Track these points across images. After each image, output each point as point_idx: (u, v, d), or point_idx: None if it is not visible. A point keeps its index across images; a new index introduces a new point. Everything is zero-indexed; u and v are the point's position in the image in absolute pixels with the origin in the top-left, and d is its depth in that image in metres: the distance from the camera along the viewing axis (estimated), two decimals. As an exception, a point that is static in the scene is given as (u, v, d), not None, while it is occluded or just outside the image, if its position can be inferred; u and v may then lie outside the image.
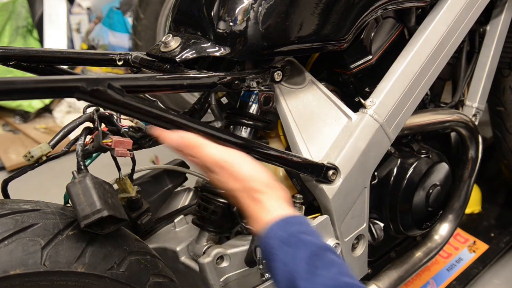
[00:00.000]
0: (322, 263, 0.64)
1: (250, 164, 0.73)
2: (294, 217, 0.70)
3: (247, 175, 0.72)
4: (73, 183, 0.69)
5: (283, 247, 0.66)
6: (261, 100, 0.87)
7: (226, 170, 0.72)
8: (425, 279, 1.55)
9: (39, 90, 0.60)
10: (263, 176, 0.73)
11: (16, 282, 0.63)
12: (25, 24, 2.95)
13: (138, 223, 0.97)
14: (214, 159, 0.72)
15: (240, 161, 0.73)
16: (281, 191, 0.73)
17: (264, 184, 0.72)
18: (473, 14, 1.12)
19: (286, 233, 0.67)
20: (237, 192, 0.72)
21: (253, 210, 0.71)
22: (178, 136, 0.72)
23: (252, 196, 0.71)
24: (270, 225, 0.68)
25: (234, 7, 0.82)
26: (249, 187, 0.71)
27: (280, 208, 0.71)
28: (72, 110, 2.74)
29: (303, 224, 0.69)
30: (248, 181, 0.71)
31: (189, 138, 0.72)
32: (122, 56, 0.90)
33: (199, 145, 0.72)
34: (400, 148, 1.18)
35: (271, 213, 0.69)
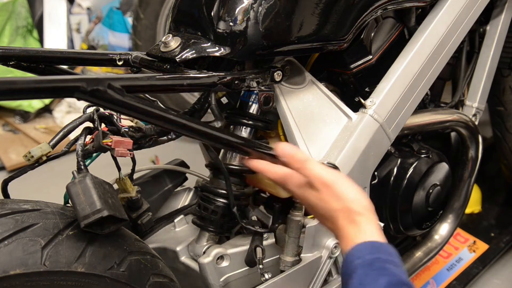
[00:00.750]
0: None
1: (352, 186, 0.75)
2: (384, 245, 0.70)
3: (349, 196, 0.73)
4: (73, 183, 0.69)
5: (366, 269, 0.66)
6: (261, 100, 0.87)
7: (330, 189, 0.73)
8: (425, 279, 1.55)
9: (39, 90, 0.60)
10: (364, 199, 0.74)
11: (16, 282, 0.63)
12: (25, 24, 2.95)
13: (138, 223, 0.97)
14: (320, 176, 0.74)
15: (343, 182, 0.74)
16: (376, 218, 0.74)
17: (364, 207, 0.73)
18: (473, 14, 1.12)
19: (372, 256, 0.67)
20: (337, 212, 0.73)
21: (349, 231, 0.72)
22: (290, 149, 0.76)
23: (351, 217, 0.72)
24: (360, 245, 0.69)
25: (234, 7, 0.82)
26: (350, 208, 0.72)
27: (374, 233, 0.71)
28: (72, 110, 2.75)
29: (392, 254, 0.69)
30: (350, 202, 0.72)
31: (298, 152, 0.76)
32: (122, 56, 0.90)
33: (308, 161, 0.75)
34: (400, 148, 1.18)
35: (365, 236, 0.70)
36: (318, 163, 0.76)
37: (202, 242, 0.94)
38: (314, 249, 0.95)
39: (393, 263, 0.68)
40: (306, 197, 0.77)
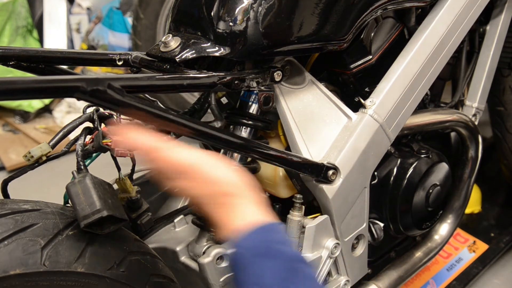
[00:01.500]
0: (298, 279, 0.60)
1: (219, 166, 0.67)
2: (270, 225, 0.64)
3: (218, 178, 0.65)
4: (73, 183, 0.69)
5: (255, 258, 0.61)
6: (261, 100, 0.87)
7: (192, 175, 0.65)
8: (425, 279, 1.55)
9: (39, 90, 0.60)
10: (235, 177, 0.66)
11: (16, 282, 0.63)
12: (25, 24, 2.95)
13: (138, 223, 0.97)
14: (178, 163, 0.65)
15: (207, 163, 0.66)
16: (255, 194, 0.67)
17: (237, 187, 0.66)
18: (473, 14, 1.12)
19: (259, 242, 0.62)
20: (207, 197, 0.65)
21: (224, 217, 0.65)
22: (133, 138, 0.65)
23: (225, 201, 0.65)
24: (242, 233, 0.62)
25: (234, 7, 0.82)
26: (220, 191, 0.65)
27: (255, 214, 0.65)
28: (72, 110, 2.75)
29: (277, 231, 0.64)
30: (218, 184, 0.65)
31: (144, 141, 0.65)
32: (122, 56, 0.90)
33: (158, 149, 0.65)
34: (400, 148, 1.18)
35: (244, 220, 0.63)
36: (173, 148, 0.65)
37: (202, 242, 0.94)
38: (314, 249, 0.95)
39: (280, 241, 0.63)
40: (175, 186, 0.68)
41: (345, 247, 1.01)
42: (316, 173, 0.91)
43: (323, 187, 0.93)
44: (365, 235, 1.06)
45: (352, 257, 1.05)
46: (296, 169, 0.89)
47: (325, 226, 0.95)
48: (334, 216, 0.95)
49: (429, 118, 1.18)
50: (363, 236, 1.06)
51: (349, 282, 1.06)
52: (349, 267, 1.04)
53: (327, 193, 0.93)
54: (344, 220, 0.98)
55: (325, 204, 0.95)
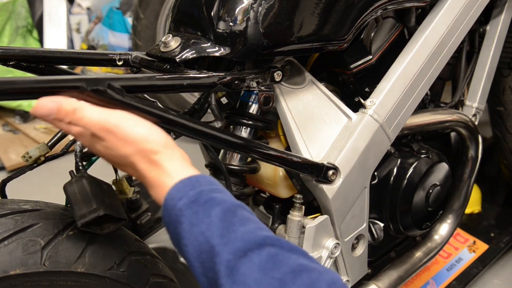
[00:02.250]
0: (237, 219, 0.58)
1: (142, 124, 0.64)
2: (201, 176, 0.63)
3: (140, 136, 0.62)
4: (70, 182, 0.69)
5: (193, 207, 0.59)
6: (261, 100, 0.87)
7: (114, 134, 0.62)
8: (425, 279, 1.55)
9: (39, 90, 0.60)
10: (159, 136, 0.64)
11: (16, 282, 0.63)
12: (25, 24, 2.95)
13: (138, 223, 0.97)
14: (99, 122, 0.61)
15: (130, 122, 0.63)
16: (181, 151, 0.65)
17: (161, 144, 0.63)
18: (473, 14, 1.12)
19: (195, 191, 0.60)
20: (131, 157, 0.63)
21: (152, 175, 0.63)
22: (50, 102, 0.60)
23: (149, 158, 0.62)
24: (175, 186, 0.61)
25: (234, 7, 0.82)
26: (144, 148, 0.62)
27: (183, 168, 0.63)
28: (72, 110, 2.74)
29: (212, 183, 0.63)
30: (142, 142, 0.62)
31: (63, 102, 0.61)
32: (122, 56, 0.90)
33: (76, 108, 0.61)
34: (400, 148, 1.18)
35: (174, 175, 0.62)
36: (91, 108, 0.62)
37: (202, 242, 0.94)
38: (314, 249, 0.95)
39: (217, 190, 0.61)
40: (96, 149, 0.65)
41: (345, 247, 1.01)
42: (316, 173, 0.91)
43: (323, 187, 0.93)
44: (365, 235, 1.06)
45: (352, 257, 1.05)
46: (296, 169, 0.89)
47: (325, 226, 0.95)
48: (334, 216, 0.95)
49: (429, 118, 1.18)
50: (363, 236, 1.06)
51: (349, 282, 1.06)
52: (349, 267, 1.04)
53: (327, 193, 0.93)
54: (344, 220, 0.98)
55: (325, 204, 0.95)
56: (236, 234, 0.56)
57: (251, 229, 0.57)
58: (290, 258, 0.55)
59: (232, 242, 0.56)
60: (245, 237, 0.56)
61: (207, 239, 0.57)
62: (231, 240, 0.56)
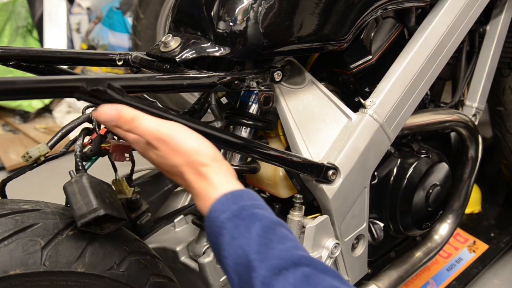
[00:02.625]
0: (276, 236, 0.60)
1: (193, 137, 0.67)
2: (245, 191, 0.65)
3: (191, 148, 0.66)
4: (70, 182, 0.69)
5: (234, 220, 0.61)
6: (261, 100, 0.87)
7: (167, 144, 0.65)
8: (425, 279, 1.55)
9: (39, 90, 0.60)
10: (208, 149, 0.67)
11: (16, 282, 0.63)
12: (25, 24, 2.95)
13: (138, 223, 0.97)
14: (154, 132, 0.65)
15: (182, 134, 0.67)
16: (228, 166, 0.69)
17: (210, 158, 0.66)
18: (473, 14, 1.12)
19: (237, 206, 0.63)
20: (181, 167, 0.66)
21: (199, 186, 0.66)
22: (112, 109, 0.65)
23: (198, 170, 0.65)
24: (219, 199, 0.63)
25: (234, 7, 0.82)
26: (193, 160, 0.65)
27: (228, 182, 0.66)
28: (72, 110, 2.74)
29: (255, 198, 0.65)
30: (192, 154, 0.65)
31: (123, 111, 0.65)
32: (122, 56, 0.90)
33: (136, 117, 0.65)
34: (400, 148, 1.18)
35: (220, 188, 0.65)
36: (150, 118, 0.66)
37: (202, 242, 0.94)
38: (314, 249, 0.95)
39: (259, 206, 0.64)
40: (149, 156, 0.69)
41: (345, 247, 1.01)
42: (316, 173, 0.91)
43: (323, 187, 0.93)
44: (365, 235, 1.06)
45: (352, 257, 1.05)
46: (296, 169, 0.89)
47: (325, 226, 0.95)
48: (334, 216, 0.95)
49: (429, 118, 1.18)
50: (363, 236, 1.06)
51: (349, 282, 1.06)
52: (349, 267, 1.04)
53: (327, 193, 0.93)
54: (344, 220, 0.98)
55: (325, 204, 0.95)
56: (273, 251, 0.59)
57: (288, 247, 0.60)
58: (323, 280, 0.57)
59: (269, 259, 0.58)
60: (281, 255, 0.58)
61: (245, 253, 0.59)
62: (268, 256, 0.58)
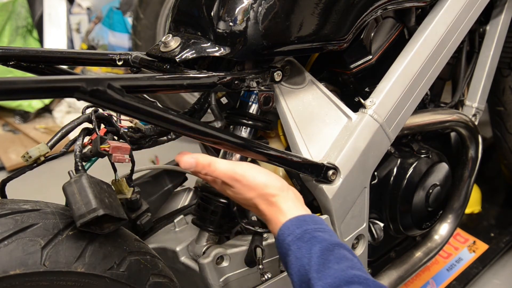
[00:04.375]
0: (334, 257, 0.68)
1: (261, 173, 0.78)
2: (308, 216, 0.75)
3: (260, 183, 0.77)
4: (69, 183, 0.69)
5: (297, 243, 0.71)
6: (261, 100, 0.87)
7: (240, 182, 0.76)
8: (425, 279, 1.55)
9: (39, 90, 0.60)
10: (275, 181, 0.78)
11: (16, 282, 0.63)
12: (25, 24, 2.95)
13: (138, 223, 0.97)
14: (227, 173, 0.76)
15: (252, 172, 0.77)
16: (294, 194, 0.79)
17: (277, 189, 0.77)
18: (473, 14, 1.12)
19: (300, 230, 0.72)
20: (254, 200, 0.77)
21: (270, 214, 0.76)
22: (191, 158, 0.76)
23: (268, 200, 0.76)
24: (286, 223, 0.74)
25: (234, 7, 0.82)
26: (264, 193, 0.76)
27: (295, 208, 0.76)
28: (72, 110, 2.74)
29: (317, 222, 0.74)
30: (262, 188, 0.76)
31: (200, 158, 0.76)
32: (122, 56, 0.90)
33: (210, 162, 0.76)
34: (400, 148, 1.18)
35: (287, 214, 0.75)
36: (222, 161, 0.78)
37: (202, 242, 0.94)
38: (314, 249, 0.95)
39: (321, 230, 0.73)
40: (226, 193, 0.80)
41: (345, 247, 1.01)
42: (316, 173, 0.91)
43: (323, 187, 0.93)
44: (365, 235, 1.06)
45: (352, 257, 1.04)
46: (296, 169, 0.89)
47: (325, 226, 0.95)
48: (334, 216, 0.95)
49: (429, 118, 1.18)
50: (363, 236, 1.05)
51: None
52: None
53: (327, 193, 0.93)
54: (344, 220, 0.98)
55: (325, 204, 0.95)
56: (329, 270, 0.67)
57: (343, 267, 0.67)
58: None
59: (325, 277, 0.66)
60: (336, 274, 0.66)
61: (306, 272, 0.68)
62: (324, 275, 0.66)
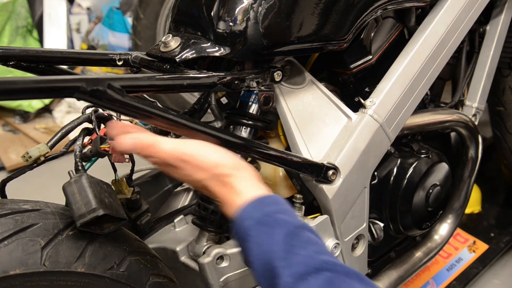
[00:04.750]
0: (299, 241, 0.63)
1: (212, 151, 0.71)
2: (268, 197, 0.68)
3: (212, 162, 0.69)
4: (69, 182, 0.69)
5: (258, 227, 0.64)
6: (261, 100, 0.87)
7: (189, 163, 0.69)
8: (425, 279, 1.55)
9: (39, 90, 0.60)
10: (229, 159, 0.70)
11: (16, 282, 0.63)
12: (25, 24, 2.95)
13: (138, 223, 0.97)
14: (173, 154, 0.68)
15: (201, 150, 0.70)
16: (251, 171, 0.71)
17: (231, 167, 0.69)
18: (473, 14, 1.12)
19: (260, 213, 0.65)
20: (206, 181, 0.69)
21: (225, 195, 0.69)
22: (130, 139, 0.68)
23: (222, 181, 0.69)
24: (243, 206, 0.66)
25: (234, 7, 0.82)
26: (216, 173, 0.69)
27: (252, 188, 0.69)
28: (72, 110, 2.74)
29: (278, 203, 0.68)
30: (214, 167, 0.69)
31: (141, 138, 0.68)
32: (122, 56, 0.90)
33: (153, 143, 0.68)
34: (400, 148, 1.18)
35: (244, 195, 0.67)
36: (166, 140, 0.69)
37: (202, 242, 0.94)
38: (314, 249, 0.95)
39: (282, 211, 0.66)
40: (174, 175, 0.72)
41: (345, 247, 1.01)
42: (316, 173, 0.91)
43: (323, 187, 0.93)
44: (365, 235, 1.06)
45: (352, 257, 1.05)
46: (296, 169, 0.89)
47: (325, 226, 0.95)
48: (334, 216, 0.95)
49: (429, 118, 1.18)
50: (363, 236, 1.05)
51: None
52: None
53: (327, 193, 0.93)
54: (344, 220, 0.98)
55: (325, 204, 0.95)
56: (296, 257, 0.61)
57: (310, 252, 0.62)
58: (346, 283, 0.58)
59: (292, 266, 0.60)
60: (304, 261, 0.60)
61: (270, 260, 0.61)
62: (291, 263, 0.60)
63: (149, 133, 0.70)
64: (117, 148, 0.69)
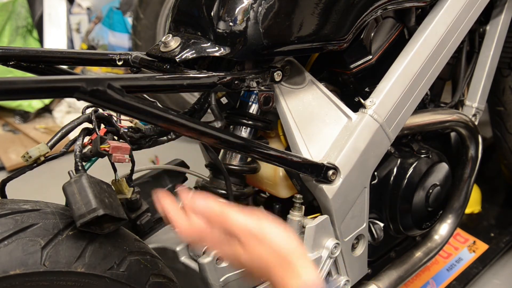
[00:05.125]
0: None
1: (280, 231, 0.70)
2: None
3: (279, 243, 0.68)
4: (69, 182, 0.69)
5: None
6: (261, 100, 0.87)
7: (256, 239, 0.68)
8: (425, 279, 1.55)
9: (39, 90, 0.60)
10: (293, 243, 0.70)
11: (16, 282, 0.63)
12: (25, 24, 2.95)
13: (138, 224, 0.97)
14: (242, 228, 0.68)
15: (270, 229, 0.69)
16: (307, 256, 0.72)
17: (296, 252, 0.69)
18: (473, 14, 1.12)
19: None
20: (267, 261, 0.68)
21: (284, 279, 0.68)
22: (204, 204, 0.70)
23: (285, 264, 0.68)
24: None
25: (234, 7, 0.82)
26: (281, 255, 0.68)
27: (309, 274, 0.68)
28: (72, 110, 2.74)
29: None
30: (280, 249, 0.68)
31: (212, 206, 0.69)
32: (122, 56, 0.90)
33: (227, 211, 0.69)
34: (400, 148, 1.18)
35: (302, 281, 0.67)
36: (236, 212, 0.69)
37: (202, 242, 0.94)
38: (314, 249, 0.95)
39: None
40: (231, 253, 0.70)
41: (345, 247, 1.01)
42: (316, 173, 0.91)
43: (323, 187, 0.93)
44: (365, 235, 1.06)
45: (352, 257, 1.05)
46: (296, 169, 0.89)
47: (325, 226, 0.95)
48: (334, 216, 0.95)
49: (429, 118, 1.18)
50: (363, 236, 1.06)
51: (349, 282, 1.06)
52: (349, 267, 1.04)
53: (327, 193, 0.93)
54: (344, 220, 0.98)
55: (325, 204, 0.95)
56: None
57: None
58: None
59: None
60: None
61: None
62: None
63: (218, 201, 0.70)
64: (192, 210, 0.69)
